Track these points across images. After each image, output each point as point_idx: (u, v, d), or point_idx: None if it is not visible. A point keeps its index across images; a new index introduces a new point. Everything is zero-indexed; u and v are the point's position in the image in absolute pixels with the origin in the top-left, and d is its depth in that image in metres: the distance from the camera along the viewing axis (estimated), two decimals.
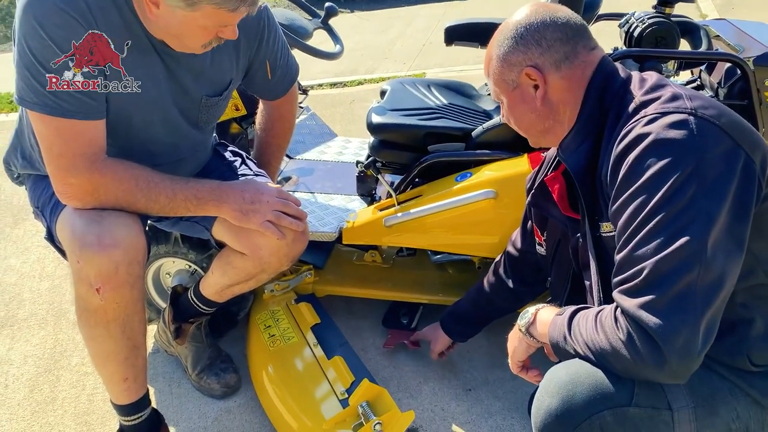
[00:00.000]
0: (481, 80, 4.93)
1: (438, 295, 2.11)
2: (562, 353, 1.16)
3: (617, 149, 1.11)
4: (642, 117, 1.10)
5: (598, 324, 1.08)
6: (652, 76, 1.21)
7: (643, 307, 1.00)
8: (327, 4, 2.42)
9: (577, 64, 1.22)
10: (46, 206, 1.59)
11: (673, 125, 1.05)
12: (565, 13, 1.24)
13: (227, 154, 1.88)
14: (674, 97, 1.11)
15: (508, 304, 1.81)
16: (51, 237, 1.60)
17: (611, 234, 1.17)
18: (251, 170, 1.81)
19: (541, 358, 1.30)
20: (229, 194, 1.53)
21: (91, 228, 1.41)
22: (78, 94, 1.34)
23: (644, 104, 1.13)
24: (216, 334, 2.06)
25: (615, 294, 1.07)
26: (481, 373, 1.97)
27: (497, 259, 1.80)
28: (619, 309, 1.05)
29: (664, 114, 1.08)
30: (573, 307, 1.18)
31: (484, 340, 2.08)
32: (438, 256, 2.14)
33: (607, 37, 2.01)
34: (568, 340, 1.13)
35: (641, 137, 1.07)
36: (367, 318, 2.22)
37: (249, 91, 1.86)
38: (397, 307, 2.19)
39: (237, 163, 1.84)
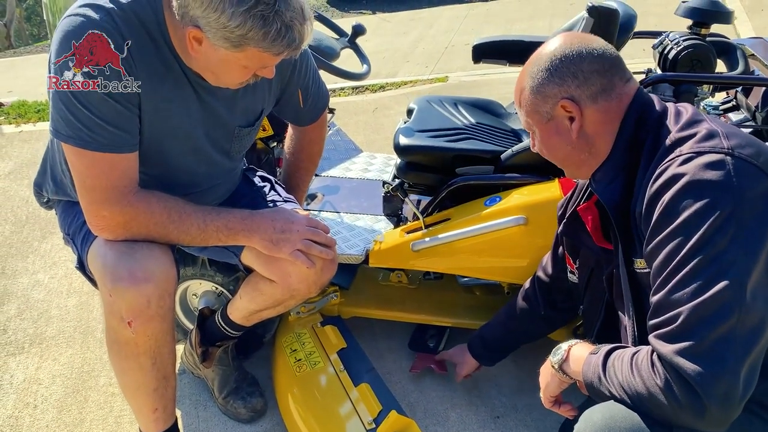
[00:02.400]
0: (504, 84, 4.85)
1: (465, 318, 2.09)
2: (597, 393, 1.14)
3: (652, 188, 1.09)
4: (677, 156, 1.08)
5: (635, 367, 1.06)
6: (687, 109, 1.19)
7: (681, 353, 0.98)
8: (354, 23, 2.41)
9: (614, 96, 1.20)
10: (77, 235, 1.60)
11: (710, 165, 1.03)
12: (600, 44, 1.22)
13: (256, 179, 1.87)
14: (710, 135, 1.08)
15: (539, 329, 1.79)
16: (82, 266, 1.60)
17: (646, 271, 1.15)
18: (280, 196, 1.80)
19: (572, 391, 1.28)
20: (260, 224, 1.52)
21: (123, 261, 1.41)
22: (111, 126, 1.34)
23: (680, 141, 1.11)
24: (242, 356, 2.06)
25: (651, 338, 1.05)
26: (509, 399, 1.95)
27: (526, 284, 1.77)
28: (655, 354, 1.03)
29: (699, 154, 1.05)
30: (607, 346, 1.16)
31: (512, 364, 2.06)
32: (466, 279, 2.12)
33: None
34: (603, 381, 1.11)
35: (676, 177, 1.05)
36: (392, 339, 2.20)
37: (280, 117, 1.85)
38: (424, 329, 2.17)
39: (266, 189, 1.83)
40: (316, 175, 2.58)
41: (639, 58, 3.76)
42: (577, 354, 1.22)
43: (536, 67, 1.23)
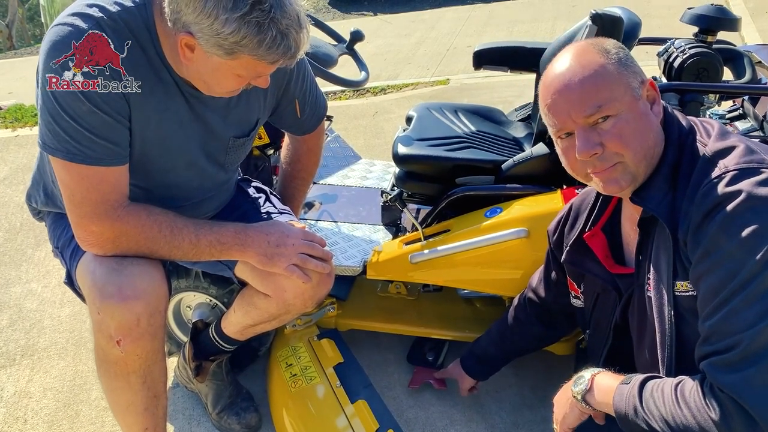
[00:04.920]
0: (506, 87, 4.76)
1: (466, 331, 2.04)
2: (631, 426, 1.07)
3: (701, 208, 1.02)
4: (723, 173, 1.01)
5: (680, 399, 1.00)
6: (713, 125, 1.13)
7: (742, 383, 0.92)
8: (352, 29, 2.36)
9: (659, 101, 1.14)
10: (66, 248, 1.56)
11: (764, 183, 0.97)
12: None
13: (251, 190, 1.83)
14: (750, 150, 1.03)
15: (531, 345, 1.75)
16: (71, 281, 1.56)
17: (688, 294, 1.08)
18: (275, 207, 1.76)
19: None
20: (254, 238, 1.48)
21: (112, 278, 1.37)
22: (99, 139, 1.30)
23: (719, 154, 1.05)
24: (236, 369, 2.02)
25: (705, 367, 0.98)
26: (510, 414, 1.90)
27: (516, 301, 1.73)
28: (707, 384, 0.97)
29: (749, 170, 1.00)
30: (641, 376, 1.10)
31: (513, 377, 2.01)
32: (466, 291, 2.07)
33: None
34: (640, 413, 1.04)
35: (730, 196, 0.99)
36: (392, 351, 2.16)
37: (277, 126, 1.81)
38: (423, 342, 2.13)
39: (261, 200, 1.79)
40: (314, 183, 2.54)
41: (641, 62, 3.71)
42: (603, 384, 1.15)
43: (609, 45, 1.13)
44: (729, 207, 0.98)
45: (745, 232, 0.95)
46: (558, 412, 1.27)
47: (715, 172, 1.02)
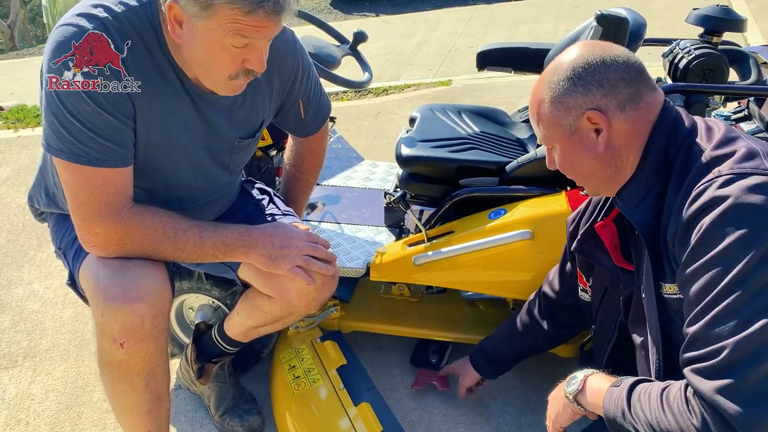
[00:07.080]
0: (508, 88, 4.76)
1: (469, 333, 2.03)
2: (619, 429, 1.07)
3: (689, 211, 1.01)
4: (716, 177, 1.00)
5: (665, 404, 0.99)
6: (719, 126, 1.11)
7: (722, 391, 0.91)
8: (355, 30, 2.36)
9: (642, 105, 1.12)
10: (69, 250, 1.55)
11: (754, 189, 0.96)
12: (622, 51, 1.15)
13: (254, 192, 1.82)
14: (750, 155, 1.02)
15: (541, 344, 1.74)
16: (73, 282, 1.56)
17: (675, 297, 1.08)
18: (279, 209, 1.76)
19: None
20: (258, 240, 1.47)
21: (116, 280, 1.36)
22: (103, 140, 1.29)
23: (717, 160, 1.04)
24: (239, 371, 2.02)
25: (687, 373, 0.98)
26: (514, 417, 1.89)
27: (531, 297, 1.72)
28: (690, 390, 0.97)
29: (741, 175, 0.98)
30: (631, 379, 1.09)
31: (517, 380, 2.00)
32: (469, 293, 2.07)
33: None
34: (627, 416, 1.04)
35: (717, 200, 0.97)
36: (395, 353, 2.15)
37: (281, 128, 1.80)
38: (426, 344, 2.12)
39: (264, 202, 1.78)
40: (317, 184, 2.54)
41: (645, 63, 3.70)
42: (595, 385, 1.15)
43: (556, 77, 1.14)
44: (713, 214, 0.97)
45: (729, 239, 0.95)
46: (551, 411, 1.27)
47: (708, 177, 1.02)
